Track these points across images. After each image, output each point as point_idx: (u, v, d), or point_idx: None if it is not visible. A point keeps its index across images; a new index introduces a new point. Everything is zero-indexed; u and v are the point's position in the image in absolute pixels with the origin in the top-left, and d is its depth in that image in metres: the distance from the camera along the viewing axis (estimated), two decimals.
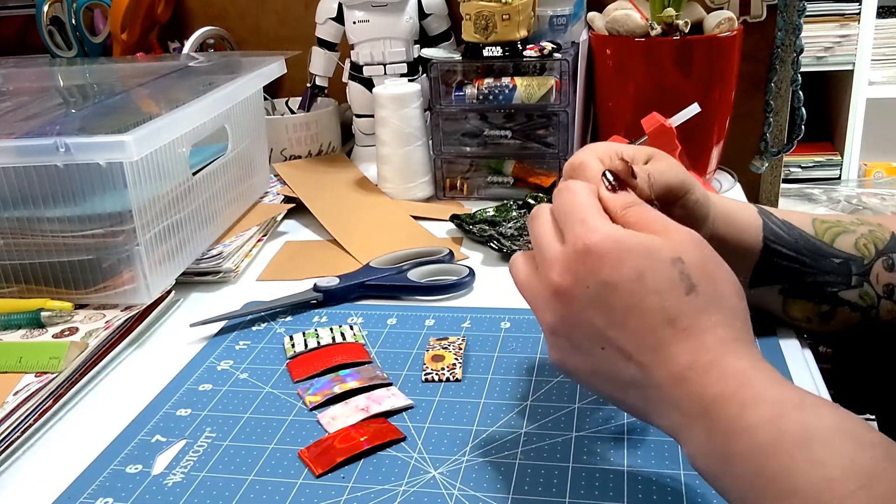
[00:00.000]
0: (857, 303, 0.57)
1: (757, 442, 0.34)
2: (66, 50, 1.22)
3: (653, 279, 0.39)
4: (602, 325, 0.40)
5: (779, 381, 0.37)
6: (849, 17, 2.38)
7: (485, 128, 0.93)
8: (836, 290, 0.57)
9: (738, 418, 0.35)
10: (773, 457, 0.33)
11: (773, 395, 0.36)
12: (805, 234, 0.57)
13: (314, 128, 1.06)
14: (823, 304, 0.57)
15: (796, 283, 0.57)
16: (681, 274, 0.39)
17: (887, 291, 0.57)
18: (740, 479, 0.35)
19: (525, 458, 0.49)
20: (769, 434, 0.34)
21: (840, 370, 0.78)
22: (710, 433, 0.36)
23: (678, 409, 0.38)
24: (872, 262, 0.57)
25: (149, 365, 0.63)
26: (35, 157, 0.63)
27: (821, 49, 2.40)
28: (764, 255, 0.56)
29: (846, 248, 0.57)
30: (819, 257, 0.57)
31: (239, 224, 0.86)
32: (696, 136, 0.86)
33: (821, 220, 0.58)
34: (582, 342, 0.42)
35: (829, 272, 0.57)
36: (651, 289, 0.39)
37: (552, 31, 0.96)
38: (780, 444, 0.33)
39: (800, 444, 0.33)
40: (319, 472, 0.48)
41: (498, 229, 0.81)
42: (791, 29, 1.02)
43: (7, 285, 0.69)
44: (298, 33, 1.18)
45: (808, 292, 0.57)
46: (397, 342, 0.63)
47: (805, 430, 0.33)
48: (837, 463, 0.32)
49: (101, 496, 0.48)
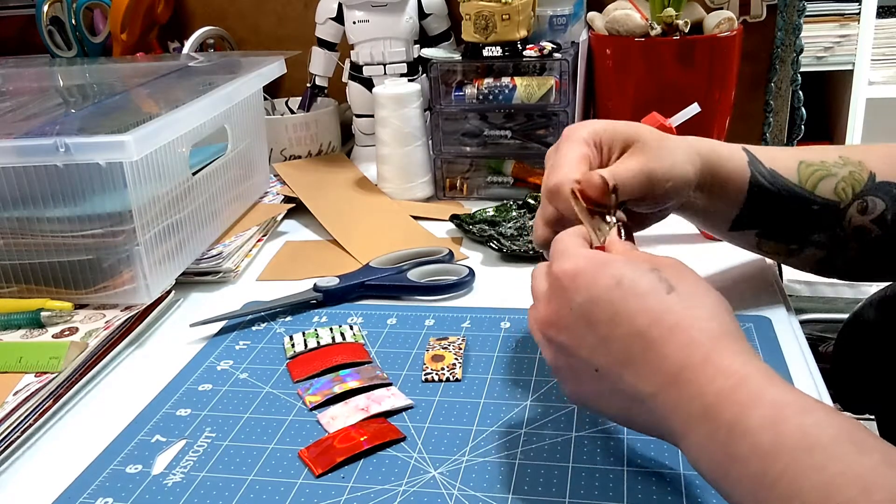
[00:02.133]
0: (824, 243, 0.60)
1: (758, 445, 0.34)
2: (66, 50, 1.22)
3: (631, 283, 0.40)
4: (592, 343, 0.41)
5: (775, 380, 0.37)
6: (849, 17, 2.38)
7: (485, 128, 0.93)
8: (808, 234, 0.60)
9: (737, 420, 0.35)
10: (774, 461, 0.33)
11: (771, 397, 0.35)
12: (788, 184, 0.59)
13: (314, 128, 1.06)
14: (793, 244, 0.61)
15: (772, 228, 0.61)
16: (659, 278, 0.40)
17: (856, 234, 0.59)
18: (743, 481, 0.35)
19: (525, 458, 0.49)
20: (770, 437, 0.34)
21: (840, 370, 0.78)
22: (711, 435, 0.36)
23: (678, 413, 0.38)
24: (848, 205, 0.59)
25: (149, 365, 0.63)
26: (35, 157, 0.63)
27: (821, 49, 2.39)
28: (747, 205, 0.59)
29: (826, 193, 0.59)
30: (799, 205, 0.59)
31: (239, 224, 0.86)
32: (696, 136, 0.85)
33: (806, 164, 0.60)
34: (580, 369, 0.43)
35: (806, 218, 0.59)
36: (631, 293, 0.40)
37: (552, 31, 0.96)
38: (781, 448, 0.33)
39: (800, 449, 0.33)
40: (319, 472, 0.48)
41: (498, 229, 0.81)
42: (791, 29, 1.02)
43: (7, 285, 0.69)
44: (298, 33, 1.18)
45: (782, 235, 0.61)
46: (397, 342, 0.63)
47: (805, 435, 0.33)
48: (837, 469, 0.32)
49: (101, 496, 0.48)
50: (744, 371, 0.37)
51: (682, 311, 0.39)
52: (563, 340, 0.43)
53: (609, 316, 0.40)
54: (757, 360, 0.38)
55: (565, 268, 0.42)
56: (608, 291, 0.40)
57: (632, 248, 0.45)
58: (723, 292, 0.40)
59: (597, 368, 0.41)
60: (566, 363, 0.43)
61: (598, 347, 0.41)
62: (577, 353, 0.42)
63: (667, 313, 0.39)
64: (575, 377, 0.44)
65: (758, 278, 0.70)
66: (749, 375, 0.37)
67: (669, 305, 0.39)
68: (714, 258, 0.74)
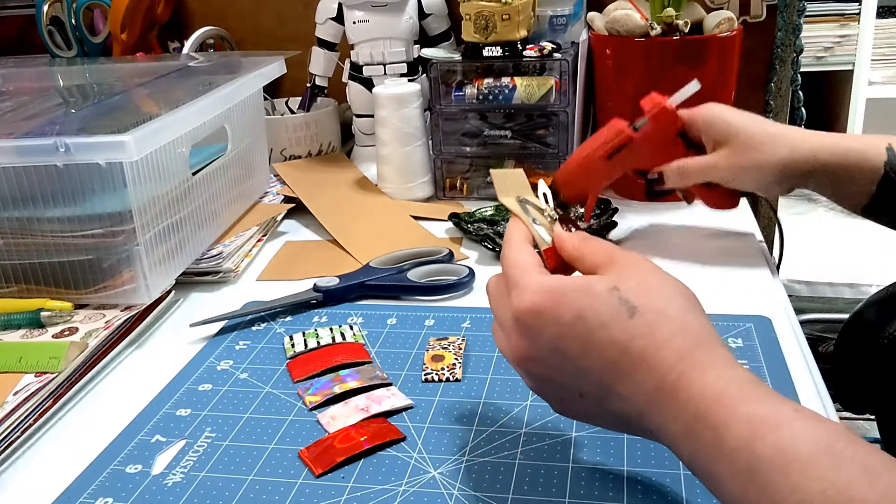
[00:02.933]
0: None
1: (736, 467, 0.34)
2: (66, 50, 1.22)
3: (593, 314, 0.39)
4: (571, 373, 0.41)
5: (750, 391, 0.36)
6: (848, 17, 2.38)
7: (485, 128, 0.93)
8: None
9: (715, 442, 0.35)
10: (751, 483, 0.33)
11: (746, 413, 0.35)
12: None
13: (314, 128, 1.06)
14: None
15: None
16: (619, 300, 0.39)
17: None
18: (730, 497, 0.35)
19: (525, 458, 0.49)
20: (746, 459, 0.34)
21: (840, 370, 0.78)
22: (694, 454, 0.37)
23: (663, 431, 0.38)
24: None
25: (149, 365, 0.63)
26: (35, 157, 0.63)
27: (821, 49, 2.40)
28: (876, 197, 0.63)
29: None
30: None
31: (239, 224, 0.86)
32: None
33: None
34: (564, 395, 0.43)
35: None
36: (595, 324, 0.39)
37: (552, 31, 0.96)
38: (759, 470, 0.33)
39: (777, 469, 0.33)
40: (319, 472, 0.48)
41: (496, 228, 0.81)
42: (791, 29, 1.02)
43: (7, 285, 0.69)
44: (298, 33, 1.18)
45: None
46: (397, 342, 0.63)
47: (781, 453, 0.33)
48: (815, 488, 0.32)
49: (101, 496, 0.48)
50: (717, 387, 0.36)
51: (647, 334, 0.39)
52: (541, 372, 0.43)
53: (580, 350, 0.40)
54: (732, 369, 0.37)
55: (523, 307, 0.41)
56: (572, 327, 0.40)
57: (582, 241, 0.44)
58: (723, 292, 0.40)
59: (581, 394, 0.42)
60: (549, 390, 0.44)
61: (577, 376, 0.41)
62: (558, 381, 0.42)
63: (632, 341, 0.39)
64: (561, 400, 0.44)
65: (758, 278, 0.70)
66: (723, 392, 0.36)
67: (633, 333, 0.39)
68: (714, 258, 0.74)
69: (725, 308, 0.64)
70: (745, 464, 0.34)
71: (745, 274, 0.71)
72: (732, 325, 0.61)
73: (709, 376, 0.37)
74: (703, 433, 0.36)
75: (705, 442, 0.36)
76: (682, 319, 0.39)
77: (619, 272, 0.41)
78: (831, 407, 0.52)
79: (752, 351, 0.57)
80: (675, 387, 0.37)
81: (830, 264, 1.82)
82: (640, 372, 0.38)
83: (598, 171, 0.74)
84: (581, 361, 0.40)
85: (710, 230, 0.82)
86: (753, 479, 0.33)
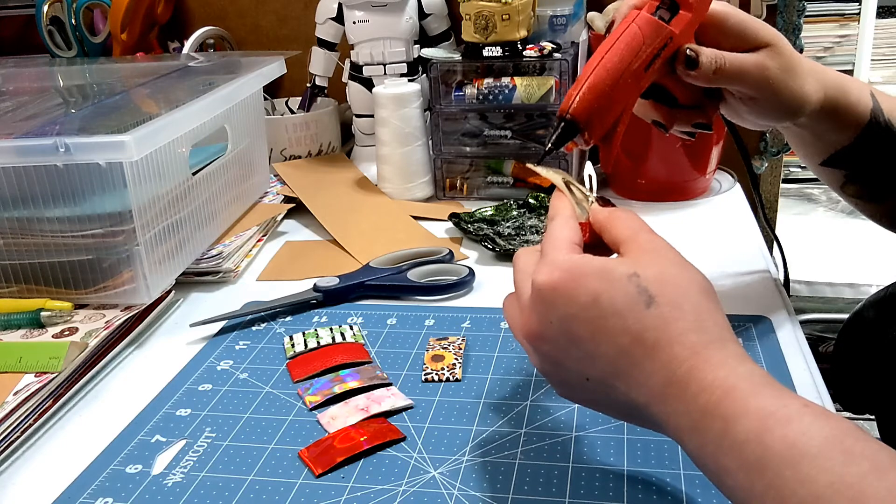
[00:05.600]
0: None
1: (745, 459, 0.34)
2: (66, 50, 1.22)
3: (609, 300, 0.39)
4: (578, 357, 0.41)
5: (762, 386, 0.36)
6: (848, 17, 2.38)
7: (484, 128, 0.93)
8: None
9: (723, 434, 0.35)
10: (760, 475, 0.33)
11: (756, 406, 0.35)
12: None
13: (314, 128, 1.06)
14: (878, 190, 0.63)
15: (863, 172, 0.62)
16: (638, 288, 0.39)
17: None
18: (735, 491, 0.35)
19: (525, 458, 0.49)
20: (755, 451, 0.34)
21: (840, 370, 0.78)
22: (701, 447, 0.36)
23: (670, 424, 0.38)
24: None
25: (149, 365, 0.63)
26: (35, 157, 0.63)
27: (821, 49, 2.40)
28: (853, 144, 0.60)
29: None
30: None
31: (239, 224, 0.86)
32: (696, 136, 0.85)
33: None
34: (569, 377, 0.42)
35: None
36: (610, 311, 0.39)
37: (552, 31, 0.96)
38: (767, 463, 0.33)
39: (787, 462, 0.33)
40: (319, 472, 0.48)
41: (496, 228, 0.81)
42: (791, 29, 1.02)
43: (7, 285, 0.69)
44: (298, 33, 1.18)
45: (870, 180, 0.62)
46: (397, 342, 0.63)
47: (791, 446, 0.33)
48: (825, 480, 0.32)
49: (101, 496, 0.48)
50: (729, 382, 0.36)
51: (662, 326, 0.38)
52: (547, 351, 0.42)
53: (590, 334, 0.40)
54: (744, 365, 0.37)
55: (542, 279, 0.41)
56: (585, 310, 0.39)
57: (613, 212, 0.44)
58: (723, 292, 0.40)
59: (587, 378, 0.41)
60: (554, 371, 0.43)
61: (584, 360, 0.41)
62: (565, 363, 0.42)
63: (646, 331, 0.38)
64: (566, 383, 0.44)
65: (758, 278, 0.70)
66: (734, 386, 0.36)
67: (647, 324, 0.39)
68: (715, 258, 0.74)
69: (725, 308, 0.63)
70: (754, 457, 0.34)
71: (745, 274, 0.71)
72: (732, 325, 0.61)
73: (720, 371, 0.37)
74: (712, 425, 0.36)
75: (714, 434, 0.36)
76: (697, 315, 0.39)
77: (640, 256, 0.41)
78: (831, 407, 0.52)
79: (752, 351, 0.57)
80: (685, 379, 0.37)
81: (830, 264, 1.82)
82: (651, 363, 0.38)
83: (631, 91, 0.54)
84: (590, 346, 0.40)
85: (710, 230, 0.82)
86: (762, 472, 0.33)
